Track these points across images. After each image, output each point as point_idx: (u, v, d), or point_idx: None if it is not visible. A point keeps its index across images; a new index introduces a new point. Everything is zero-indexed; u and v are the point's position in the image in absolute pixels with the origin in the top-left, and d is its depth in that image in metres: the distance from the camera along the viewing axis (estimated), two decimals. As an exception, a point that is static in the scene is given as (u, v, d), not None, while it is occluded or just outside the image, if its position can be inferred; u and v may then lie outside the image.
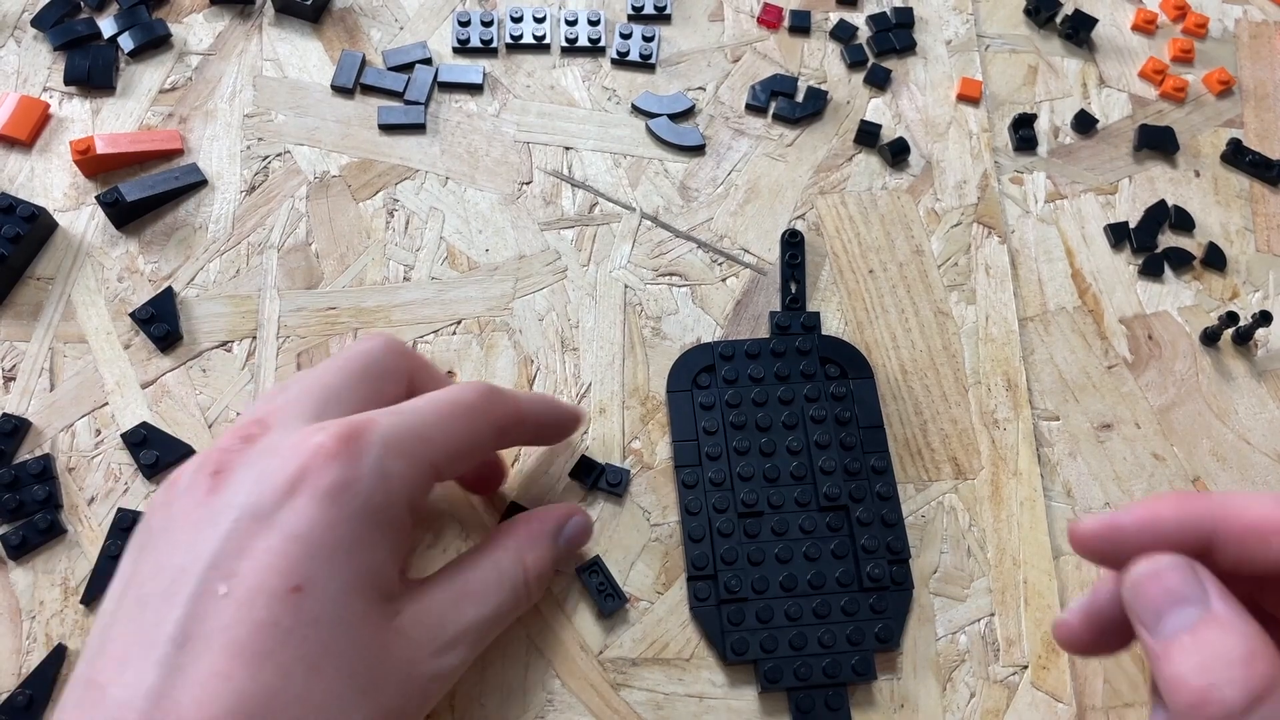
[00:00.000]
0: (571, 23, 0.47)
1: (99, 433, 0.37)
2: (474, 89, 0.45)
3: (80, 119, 0.44)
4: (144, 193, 0.41)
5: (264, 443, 0.26)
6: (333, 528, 0.25)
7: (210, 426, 0.37)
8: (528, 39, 0.46)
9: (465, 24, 0.46)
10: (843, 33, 0.47)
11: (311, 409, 0.28)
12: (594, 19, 0.47)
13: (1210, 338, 0.41)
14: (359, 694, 0.24)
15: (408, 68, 0.45)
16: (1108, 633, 0.24)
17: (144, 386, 0.38)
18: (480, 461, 0.33)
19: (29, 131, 0.43)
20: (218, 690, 0.22)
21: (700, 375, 0.38)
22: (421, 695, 0.27)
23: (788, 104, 0.45)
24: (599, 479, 0.36)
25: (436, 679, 0.27)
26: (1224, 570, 0.23)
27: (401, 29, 0.47)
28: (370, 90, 0.45)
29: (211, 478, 0.25)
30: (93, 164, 0.41)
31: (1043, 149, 0.45)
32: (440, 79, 0.45)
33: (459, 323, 0.40)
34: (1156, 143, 0.45)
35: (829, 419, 0.37)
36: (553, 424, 0.34)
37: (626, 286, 0.41)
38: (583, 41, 0.46)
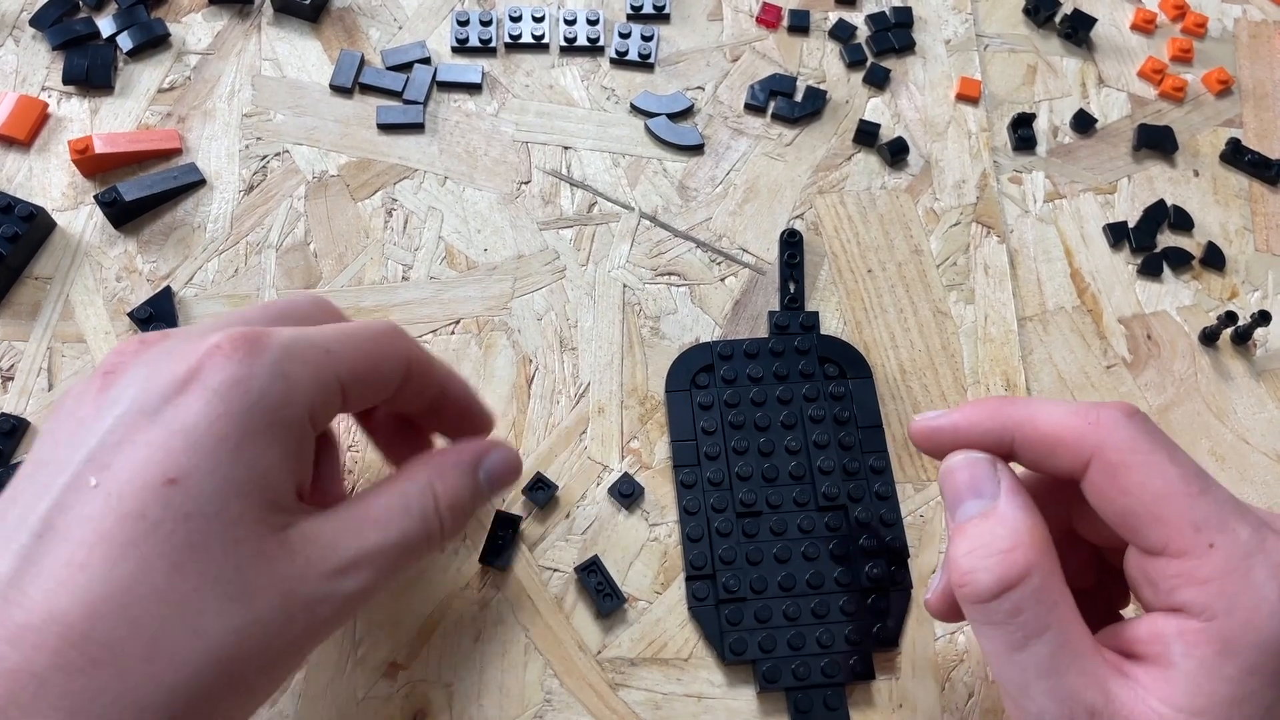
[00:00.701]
0: (570, 22, 0.46)
1: (97, 432, 0.37)
2: (473, 88, 0.45)
3: (79, 118, 0.43)
4: (142, 192, 0.41)
5: (161, 345, 0.25)
6: (218, 422, 0.23)
7: (208, 426, 0.37)
8: (526, 38, 0.46)
9: (464, 23, 0.46)
10: (842, 32, 0.47)
11: (213, 325, 0.27)
12: (593, 18, 0.46)
13: (1209, 337, 0.41)
14: (226, 599, 0.23)
15: (406, 67, 0.45)
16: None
17: (142, 386, 0.38)
18: (387, 397, 0.30)
19: (27, 131, 0.42)
20: (71, 579, 0.21)
21: (699, 375, 0.38)
22: (308, 616, 0.25)
23: (786, 103, 0.45)
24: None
25: (328, 601, 0.25)
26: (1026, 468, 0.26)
27: (400, 28, 0.47)
28: (369, 90, 0.45)
29: (103, 377, 0.25)
30: (91, 163, 0.41)
31: (1042, 148, 0.45)
32: (439, 78, 0.45)
33: (457, 322, 0.40)
34: (1155, 142, 0.45)
35: (827, 418, 0.37)
36: (463, 403, 0.32)
37: (625, 286, 0.41)
38: (581, 41, 0.46)
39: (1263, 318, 0.39)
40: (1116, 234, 0.43)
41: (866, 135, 0.44)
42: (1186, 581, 0.23)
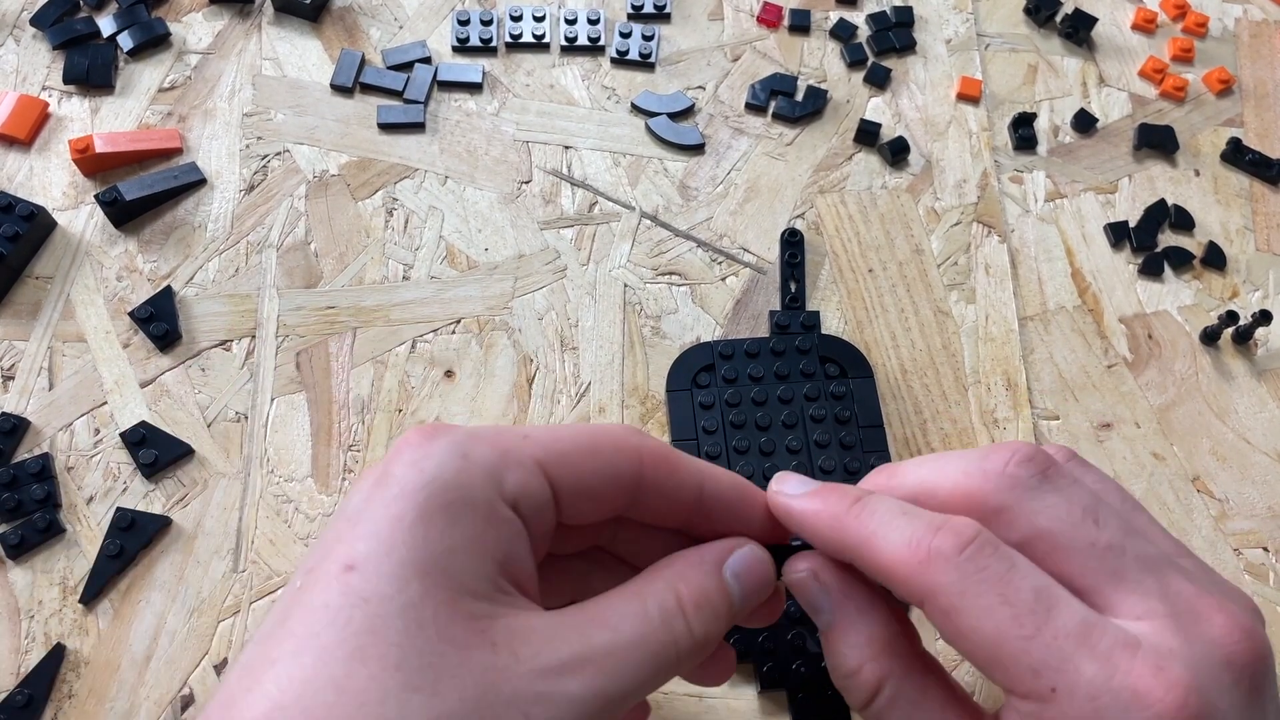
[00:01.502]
0: (571, 22, 0.46)
1: (98, 432, 0.37)
2: (473, 88, 0.45)
3: (79, 118, 0.43)
4: (143, 192, 0.41)
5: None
6: (393, 504, 0.23)
7: (209, 426, 0.37)
8: (527, 38, 0.46)
9: (465, 23, 0.46)
10: (842, 32, 0.47)
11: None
12: (593, 18, 0.46)
13: (1210, 337, 0.41)
14: (410, 689, 0.21)
15: (407, 67, 0.45)
16: None
17: (143, 385, 0.38)
18: (619, 502, 0.26)
19: (28, 130, 0.42)
20: (261, 676, 0.21)
21: (700, 374, 0.38)
22: (518, 717, 0.22)
23: (787, 103, 0.45)
24: None
25: (544, 703, 0.22)
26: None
27: (401, 28, 0.47)
28: (369, 89, 0.45)
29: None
30: (92, 163, 0.41)
31: (1042, 148, 0.45)
32: (440, 78, 0.45)
33: (458, 322, 0.40)
34: (1156, 142, 0.45)
35: (829, 418, 0.37)
36: (732, 502, 0.27)
37: (626, 285, 0.41)
38: (582, 40, 0.46)
39: (1264, 317, 0.39)
40: (1117, 233, 0.43)
41: (867, 135, 0.44)
42: None
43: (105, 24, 0.45)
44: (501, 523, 0.24)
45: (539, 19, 0.46)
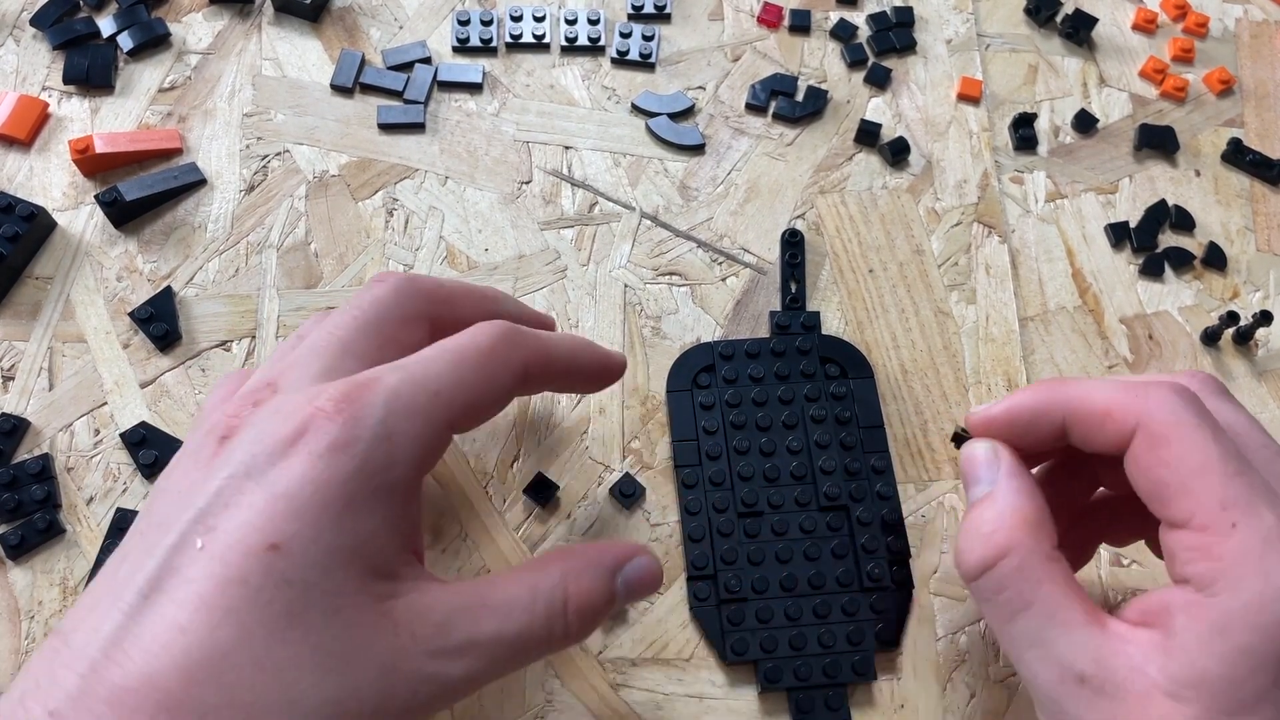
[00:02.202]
0: (571, 22, 0.46)
1: (98, 432, 0.37)
2: (473, 88, 0.45)
3: (79, 118, 0.43)
4: (143, 192, 0.41)
5: (270, 404, 0.25)
6: (322, 487, 0.23)
7: (209, 426, 0.37)
8: (527, 38, 0.46)
9: (465, 23, 0.46)
10: (843, 32, 0.47)
11: (320, 368, 0.27)
12: (594, 18, 0.46)
13: (1211, 337, 0.41)
14: (324, 670, 0.23)
15: (407, 67, 0.45)
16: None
17: (143, 386, 0.38)
18: (501, 409, 0.29)
19: (28, 130, 0.42)
20: (170, 642, 0.21)
21: (700, 375, 0.38)
22: (408, 694, 0.24)
23: (788, 103, 0.45)
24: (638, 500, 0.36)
25: (430, 683, 0.24)
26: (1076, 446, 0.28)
27: (401, 28, 0.47)
28: (370, 89, 0.45)
29: (218, 442, 0.25)
30: (92, 163, 0.41)
31: (1043, 148, 0.45)
32: (440, 78, 0.45)
33: (458, 322, 0.40)
34: (1157, 142, 0.45)
35: (829, 419, 0.37)
36: (587, 367, 0.31)
37: (626, 286, 0.41)
38: (582, 41, 0.46)
39: (1264, 318, 0.39)
40: (1118, 234, 0.43)
41: (868, 135, 0.44)
42: (1202, 556, 0.24)
43: (105, 24, 0.45)
44: (410, 499, 0.25)
45: (539, 19, 0.46)
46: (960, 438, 0.30)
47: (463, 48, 0.46)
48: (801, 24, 0.47)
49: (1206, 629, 0.23)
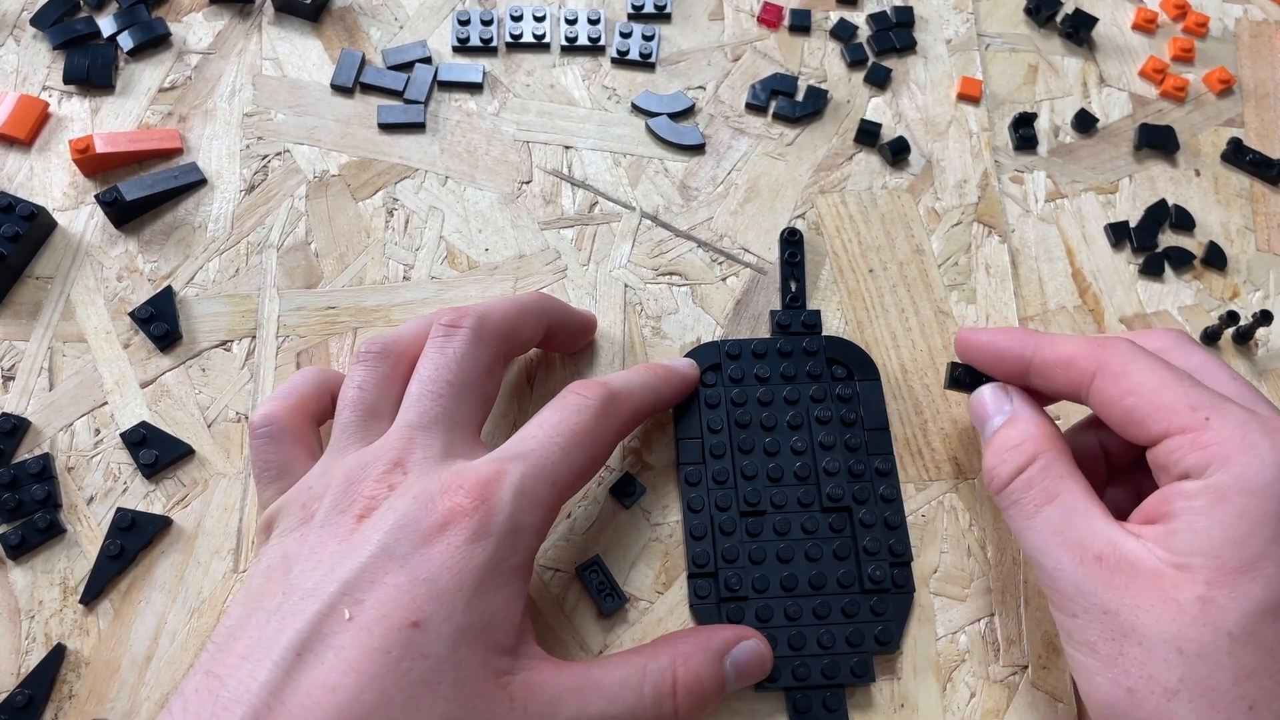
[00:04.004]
0: (571, 21, 0.46)
1: (98, 432, 0.37)
2: (474, 88, 0.45)
3: (79, 118, 0.43)
4: (143, 192, 0.41)
5: (405, 489, 0.28)
6: (459, 574, 0.26)
7: (209, 426, 0.37)
8: (527, 38, 0.46)
9: (465, 23, 0.46)
10: (843, 32, 0.47)
11: (440, 447, 0.29)
12: (594, 18, 0.46)
13: (1210, 337, 0.41)
14: None
15: (407, 67, 0.45)
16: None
17: (143, 386, 0.38)
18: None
19: (28, 130, 0.42)
20: (323, 700, 0.24)
21: (706, 374, 0.38)
22: None
23: (788, 103, 0.45)
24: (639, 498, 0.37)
25: None
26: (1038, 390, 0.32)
27: (401, 28, 0.47)
28: (370, 89, 0.45)
29: (356, 520, 0.27)
30: (92, 163, 0.41)
31: (1043, 148, 0.45)
32: (440, 78, 0.45)
33: (459, 322, 0.40)
34: (1157, 142, 0.45)
35: (834, 420, 0.37)
36: (668, 397, 0.36)
37: (626, 286, 0.41)
38: (583, 40, 0.46)
39: (1264, 317, 0.39)
40: (1118, 233, 0.43)
41: (868, 135, 0.44)
42: (1189, 449, 0.26)
43: (105, 24, 0.45)
44: (527, 573, 0.28)
45: (539, 19, 0.46)
46: (956, 378, 0.34)
47: (463, 47, 0.46)
48: (801, 24, 0.47)
49: (1206, 503, 0.26)
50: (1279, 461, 0.25)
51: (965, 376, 0.34)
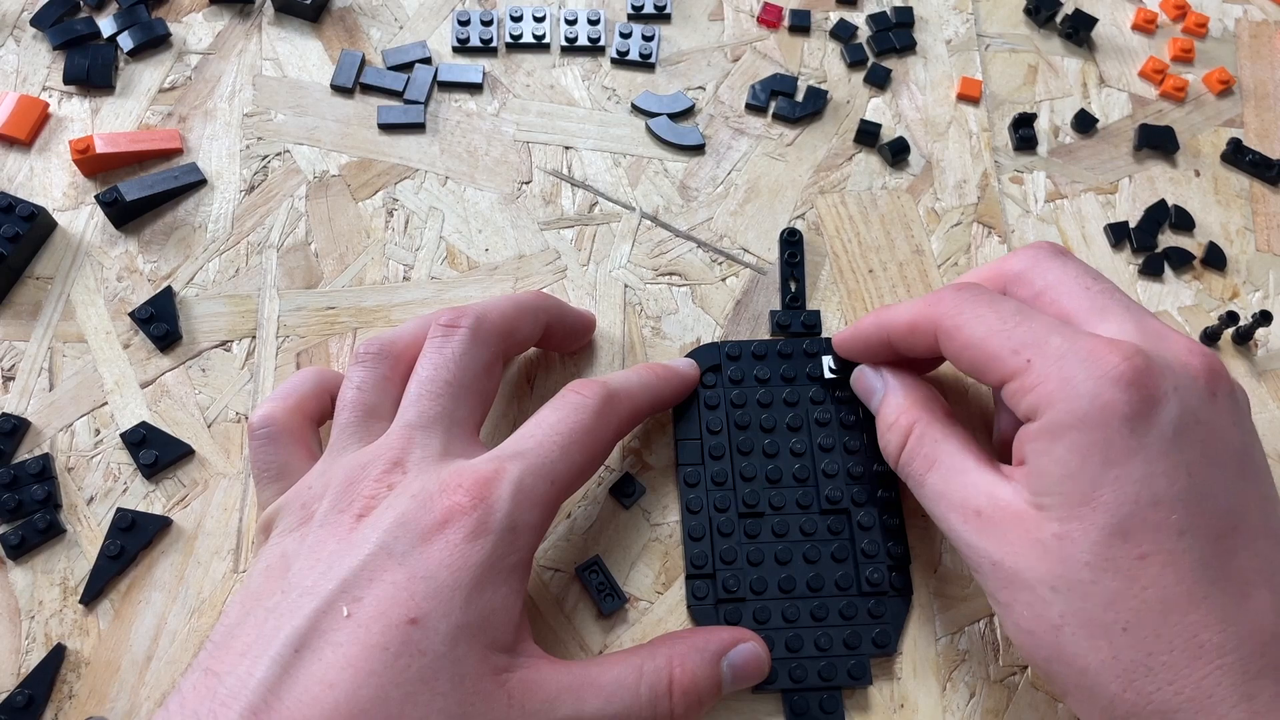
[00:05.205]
0: (571, 22, 0.46)
1: (98, 432, 0.37)
2: (474, 88, 0.45)
3: (79, 118, 0.43)
4: (143, 192, 0.41)
5: (404, 487, 0.28)
6: (457, 572, 0.26)
7: (209, 426, 0.37)
8: (527, 38, 0.46)
9: (465, 23, 0.46)
10: (843, 32, 0.47)
11: (439, 446, 0.29)
12: (594, 18, 0.46)
13: (1210, 337, 0.41)
14: None
15: (407, 67, 0.45)
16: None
17: (143, 386, 0.38)
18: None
19: (28, 131, 0.42)
20: (320, 695, 0.24)
21: (705, 375, 0.38)
22: None
23: (788, 103, 0.45)
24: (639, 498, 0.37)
25: None
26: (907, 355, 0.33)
27: (401, 28, 0.47)
28: (370, 89, 0.45)
29: (355, 519, 0.28)
30: (92, 163, 0.41)
31: (1043, 148, 0.45)
32: (440, 78, 0.45)
33: (458, 322, 0.40)
34: (1156, 142, 0.45)
35: (834, 422, 0.37)
36: (668, 396, 0.36)
37: (626, 286, 0.41)
38: (582, 41, 0.46)
39: (1264, 318, 0.39)
40: (1118, 234, 0.43)
41: (867, 135, 0.44)
42: (1021, 395, 0.27)
43: (105, 24, 0.45)
44: (526, 571, 0.28)
45: (539, 19, 0.46)
46: (835, 372, 0.37)
47: (463, 48, 0.46)
48: (801, 24, 0.47)
49: (1044, 444, 0.27)
50: (1094, 390, 0.26)
51: (845, 374, 0.37)
